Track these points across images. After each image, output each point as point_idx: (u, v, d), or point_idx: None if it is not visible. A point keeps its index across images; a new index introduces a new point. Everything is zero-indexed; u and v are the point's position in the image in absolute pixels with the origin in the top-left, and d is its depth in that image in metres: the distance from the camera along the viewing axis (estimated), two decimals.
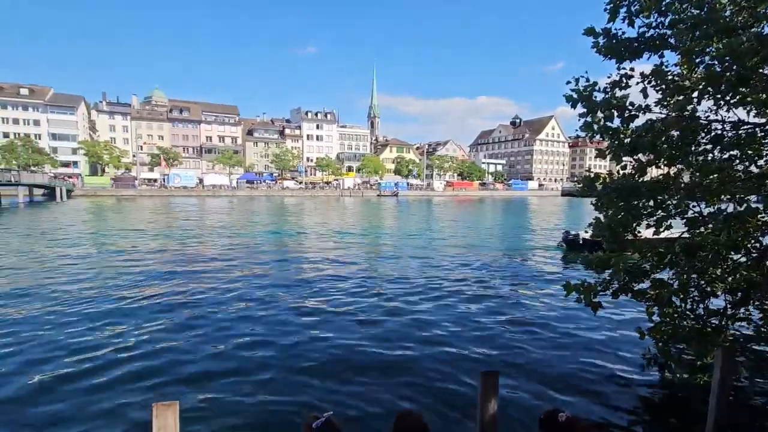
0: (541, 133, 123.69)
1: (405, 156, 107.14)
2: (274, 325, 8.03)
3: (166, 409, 2.40)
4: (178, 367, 6.10)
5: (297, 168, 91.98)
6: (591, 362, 6.49)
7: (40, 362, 6.16)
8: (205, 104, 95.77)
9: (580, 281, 5.18)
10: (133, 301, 9.46)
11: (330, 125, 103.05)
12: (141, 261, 14.39)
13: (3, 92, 75.42)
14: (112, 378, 5.71)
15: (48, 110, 77.60)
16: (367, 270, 13.64)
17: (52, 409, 4.93)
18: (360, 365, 6.27)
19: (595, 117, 4.50)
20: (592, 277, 5.27)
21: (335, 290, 10.72)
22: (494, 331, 7.83)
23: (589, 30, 4.66)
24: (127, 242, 18.60)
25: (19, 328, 7.54)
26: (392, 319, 8.41)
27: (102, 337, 7.19)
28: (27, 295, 9.77)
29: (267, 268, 13.61)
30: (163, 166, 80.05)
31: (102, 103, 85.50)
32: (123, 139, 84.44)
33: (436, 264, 14.54)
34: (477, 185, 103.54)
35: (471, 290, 10.88)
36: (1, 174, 47.90)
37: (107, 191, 66.18)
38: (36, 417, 4.75)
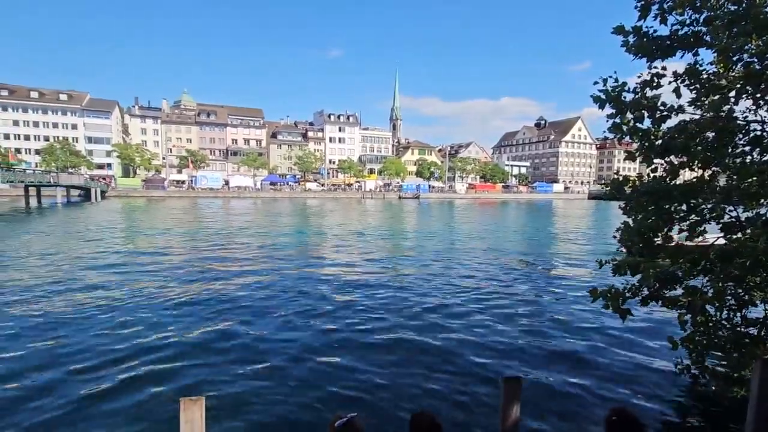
0: (567, 134, 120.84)
1: (427, 158, 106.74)
2: (299, 323, 8.14)
3: (192, 404, 2.47)
4: (204, 362, 6.27)
5: (319, 170, 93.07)
6: (619, 372, 6.28)
7: (68, 355, 6.44)
8: (232, 108, 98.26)
9: (606, 287, 5.03)
10: (162, 297, 9.78)
11: (352, 128, 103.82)
12: (169, 259, 14.86)
13: (44, 98, 79.64)
14: (140, 372, 5.91)
15: (85, 115, 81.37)
16: (386, 271, 13.64)
17: (77, 401, 5.14)
18: (380, 367, 6.27)
19: (624, 118, 4.37)
20: (620, 283, 5.10)
21: (356, 292, 10.77)
22: (516, 337, 7.69)
23: (618, 28, 4.53)
24: (156, 240, 19.27)
25: (51, 320, 7.92)
26: (413, 323, 8.38)
27: (131, 332, 7.46)
28: (61, 290, 10.25)
29: (289, 267, 13.80)
30: (191, 168, 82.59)
31: (134, 108, 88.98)
32: (153, 142, 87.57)
33: (457, 267, 14.40)
34: (500, 188, 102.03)
35: (493, 294, 10.72)
36: (42, 176, 50.51)
37: (138, 192, 68.75)
38: (65, 409, 4.97)
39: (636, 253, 4.88)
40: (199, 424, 2.48)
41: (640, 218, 4.69)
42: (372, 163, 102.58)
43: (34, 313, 8.51)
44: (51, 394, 5.28)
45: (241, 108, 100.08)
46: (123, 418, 4.78)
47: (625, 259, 5.00)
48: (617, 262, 5.08)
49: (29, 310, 8.66)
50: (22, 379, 5.66)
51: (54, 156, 69.90)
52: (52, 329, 7.56)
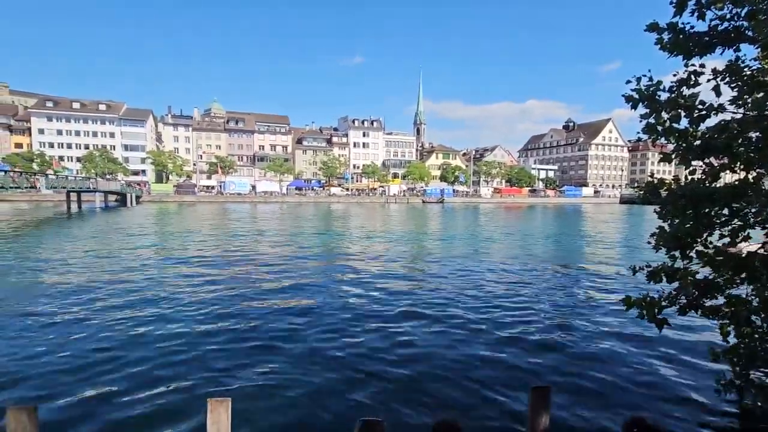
0: (596, 136, 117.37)
1: (451, 162, 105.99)
2: (323, 327, 8.18)
3: (219, 405, 2.52)
4: (230, 363, 6.39)
5: (344, 175, 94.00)
6: (655, 384, 5.99)
7: (97, 351, 6.71)
8: (259, 115, 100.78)
9: (641, 295, 4.81)
10: (191, 297, 10.06)
11: (376, 132, 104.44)
12: (199, 260, 15.30)
13: (85, 108, 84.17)
14: (168, 370, 6.09)
15: (122, 123, 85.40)
16: (410, 275, 13.57)
17: (104, 399, 5.33)
18: (404, 373, 6.22)
19: (659, 118, 4.19)
20: (656, 291, 4.87)
21: (379, 297, 10.75)
22: (544, 345, 7.46)
23: (651, 26, 4.36)
24: (188, 243, 19.92)
25: (85, 318, 8.28)
26: (436, 328, 8.28)
27: (159, 331, 7.71)
28: (98, 289, 10.72)
29: (313, 270, 13.95)
30: (220, 174, 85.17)
31: (167, 116, 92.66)
32: (185, 149, 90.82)
33: (481, 273, 14.16)
34: (526, 192, 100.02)
35: (518, 300, 10.47)
36: (82, 182, 53.29)
37: (170, 197, 71.39)
38: (93, 407, 5.16)
39: (672, 259, 4.66)
40: (225, 424, 2.53)
41: (677, 223, 4.47)
42: (396, 167, 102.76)
43: (69, 311, 8.93)
44: (79, 390, 5.50)
45: (268, 115, 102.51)
46: (150, 417, 4.92)
47: (661, 266, 4.78)
48: (652, 269, 4.85)
49: (66, 308, 9.09)
50: (48, 375, 5.93)
51: (93, 163, 73.74)
52: (85, 326, 7.90)
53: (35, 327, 7.93)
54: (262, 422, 4.84)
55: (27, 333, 7.61)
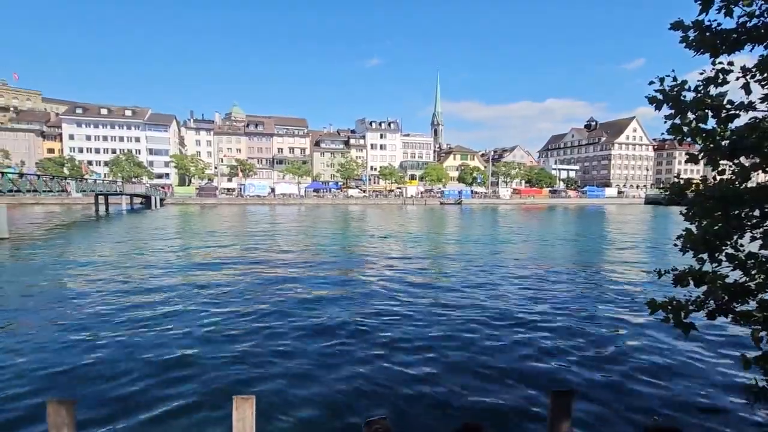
0: (620, 135, 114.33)
1: (469, 163, 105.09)
2: (344, 327, 8.25)
3: (244, 402, 2.60)
4: (253, 360, 6.53)
5: (361, 177, 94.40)
6: (681, 390, 5.81)
7: (124, 347, 6.95)
8: (278, 118, 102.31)
9: (667, 298, 4.69)
10: (215, 296, 10.31)
11: (393, 134, 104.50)
12: (222, 260, 15.65)
13: (112, 114, 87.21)
14: (194, 368, 6.26)
15: (146, 128, 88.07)
16: (428, 278, 13.53)
17: (134, 395, 5.52)
18: (425, 374, 6.22)
19: (684, 118, 4.08)
20: (683, 295, 4.74)
21: (398, 299, 10.77)
22: (566, 348, 7.34)
23: (676, 24, 4.25)
24: (210, 243, 20.38)
25: (114, 314, 8.59)
26: (457, 331, 8.24)
27: (183, 329, 7.93)
28: (126, 288, 11.10)
29: (333, 270, 14.07)
30: (240, 177, 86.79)
31: (190, 120, 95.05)
32: (207, 153, 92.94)
33: (500, 275, 14.01)
34: (547, 193, 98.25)
35: (539, 303, 10.32)
36: (109, 185, 55.17)
37: (193, 200, 73.14)
38: (122, 404, 5.35)
39: (700, 262, 4.52)
40: (250, 421, 2.61)
41: (705, 225, 4.34)
42: (413, 169, 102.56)
43: (99, 309, 9.27)
44: (107, 386, 5.71)
45: (287, 118, 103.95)
46: (176, 413, 5.07)
47: (688, 269, 4.64)
48: (679, 273, 4.71)
49: (97, 306, 9.45)
50: (78, 371, 6.17)
51: (120, 167, 76.31)
52: (114, 324, 8.19)
53: (67, 325, 8.28)
54: (283, 418, 4.93)
55: (60, 330, 7.95)
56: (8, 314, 9.02)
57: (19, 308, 9.52)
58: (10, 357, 6.66)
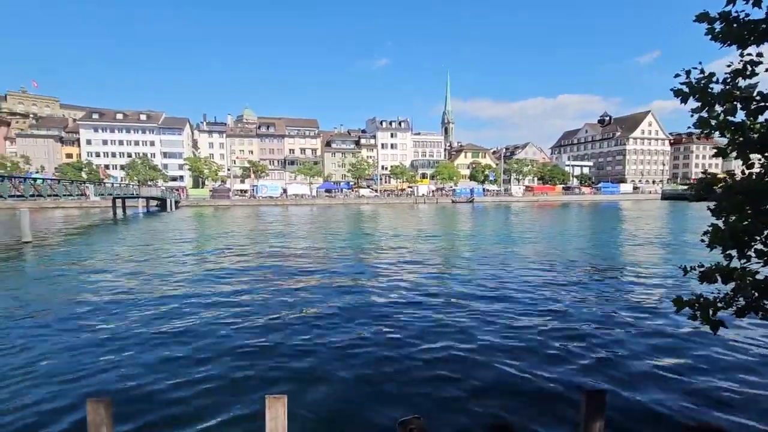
0: (635, 130, 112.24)
1: (481, 161, 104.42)
2: (367, 328, 8.28)
3: (276, 401, 2.64)
4: (281, 360, 6.62)
5: (372, 176, 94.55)
6: (712, 389, 5.70)
7: (152, 346, 7.08)
8: (289, 119, 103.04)
9: (693, 296, 4.60)
10: (234, 295, 10.45)
11: (404, 133, 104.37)
12: (241, 260, 15.84)
13: (127, 119, 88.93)
14: (224, 368, 6.36)
15: (161, 132, 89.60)
16: (443, 278, 13.49)
17: (167, 394, 5.63)
18: (453, 375, 6.21)
19: (712, 112, 3.99)
20: (710, 292, 4.65)
21: (420, 297, 10.76)
22: (590, 347, 7.25)
23: (701, 16, 4.17)
24: (226, 244, 20.65)
25: (135, 312, 8.77)
26: (479, 328, 8.21)
27: (211, 329, 8.06)
28: (149, 289, 11.32)
29: (349, 271, 14.12)
30: (253, 178, 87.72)
31: (203, 124, 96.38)
32: (219, 155, 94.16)
33: (517, 274, 13.89)
34: (560, 189, 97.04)
35: (558, 302, 10.20)
36: (126, 189, 56.30)
37: (206, 202, 74.16)
38: (154, 403, 5.46)
39: (728, 258, 4.42)
40: (282, 420, 2.65)
41: (733, 220, 4.24)
42: (424, 167, 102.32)
43: (124, 311, 9.48)
44: (139, 385, 5.84)
45: (298, 119, 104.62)
46: (209, 411, 5.17)
47: (715, 265, 4.55)
48: (705, 269, 4.62)
49: (118, 306, 9.66)
50: (107, 371, 6.32)
51: (136, 170, 77.82)
52: (140, 325, 8.37)
53: (93, 325, 8.48)
54: (314, 418, 4.99)
55: (86, 331, 8.15)
56: (35, 315, 9.28)
57: (44, 309, 9.78)
58: (42, 357, 6.86)
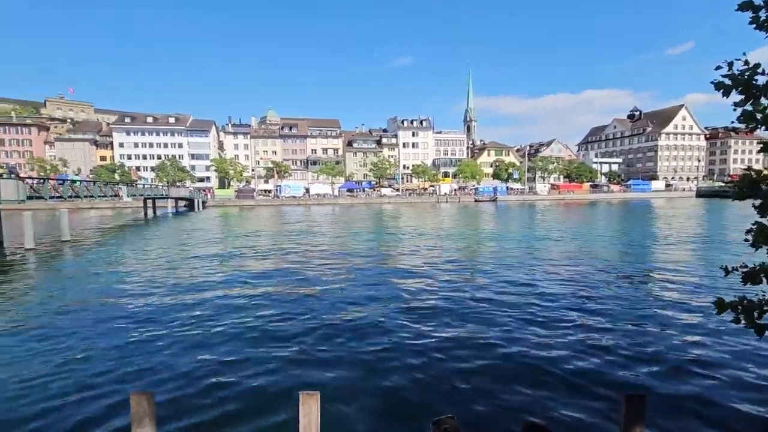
0: (668, 125, 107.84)
1: (504, 159, 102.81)
2: (399, 325, 8.30)
3: (309, 398, 2.68)
4: (313, 357, 6.73)
5: (393, 175, 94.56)
6: (759, 398, 5.42)
7: (184, 341, 7.31)
8: (311, 120, 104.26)
9: (736, 298, 4.40)
10: (263, 293, 10.67)
11: (425, 132, 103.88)
12: (270, 258, 16.17)
13: (157, 122, 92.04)
14: (256, 364, 6.50)
15: (188, 134, 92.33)
16: (468, 277, 13.35)
17: (198, 389, 5.80)
18: (482, 372, 6.16)
19: (757, 104, 3.81)
20: (755, 294, 4.44)
21: (445, 295, 10.70)
22: (628, 349, 7.01)
23: (745, 4, 3.97)
24: (258, 243, 21.12)
25: (167, 309, 9.06)
26: (511, 329, 8.09)
27: (243, 326, 8.25)
28: (180, 286, 11.70)
29: (376, 269, 14.17)
30: (276, 179, 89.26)
31: (228, 125, 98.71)
32: (244, 156, 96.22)
33: (544, 273, 13.61)
34: (587, 187, 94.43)
35: (590, 303, 9.93)
36: (157, 190, 58.37)
37: (232, 202, 75.98)
38: (189, 397, 5.63)
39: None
40: (315, 416, 2.69)
41: None
42: (446, 166, 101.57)
43: (154, 305, 9.83)
44: (175, 382, 6.04)
45: (320, 119, 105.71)
46: (242, 407, 5.30)
47: (760, 266, 4.33)
48: (749, 270, 4.41)
49: (151, 302, 10.03)
50: (139, 365, 6.56)
51: (165, 172, 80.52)
52: (168, 318, 8.66)
53: (128, 321, 8.83)
54: (346, 415, 5.04)
55: (122, 327, 8.50)
56: (72, 310, 9.74)
57: (81, 303, 10.25)
58: (82, 350, 7.20)
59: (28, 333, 8.19)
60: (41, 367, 6.51)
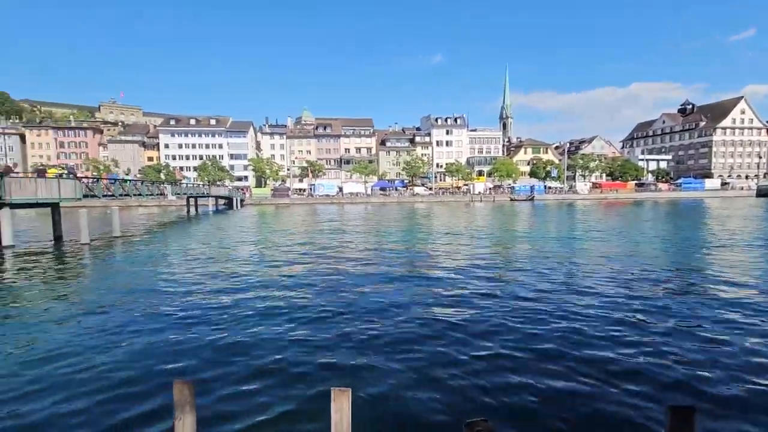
0: (724, 119, 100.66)
1: (542, 157, 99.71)
2: (431, 325, 8.10)
3: (341, 394, 2.56)
4: (345, 354, 6.65)
5: (426, 174, 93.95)
6: None
7: (222, 333, 7.43)
8: (344, 119, 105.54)
9: None
10: (299, 291, 10.77)
11: (459, 130, 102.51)
12: (302, 256, 16.39)
13: (199, 124, 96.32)
14: (288, 359, 6.51)
15: (228, 135, 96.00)
16: (509, 277, 12.89)
17: (233, 381, 5.84)
18: (516, 377, 5.84)
19: None
20: None
21: (482, 295, 10.38)
22: (675, 358, 6.46)
23: None
24: (290, 240, 21.55)
25: (208, 301, 9.30)
26: (553, 332, 7.69)
27: (277, 320, 8.33)
28: (220, 281, 12.04)
29: (405, 266, 14.01)
30: (310, 177, 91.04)
31: (265, 126, 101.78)
32: (280, 155, 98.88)
33: (584, 276, 12.91)
34: (632, 186, 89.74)
35: (638, 307, 9.28)
36: (198, 189, 61.09)
37: (268, 200, 78.20)
38: (223, 389, 5.68)
39: None
40: (347, 412, 2.57)
41: None
42: (481, 164, 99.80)
43: (197, 298, 10.12)
44: (205, 374, 6.13)
45: (353, 119, 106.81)
46: (275, 399, 5.29)
47: None
48: None
49: (194, 296, 10.34)
50: (175, 357, 6.70)
51: (206, 171, 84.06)
52: (208, 311, 8.88)
53: (171, 313, 9.14)
54: (377, 414, 4.92)
55: (164, 319, 8.80)
56: (123, 300, 10.22)
57: (130, 294, 10.75)
58: (128, 338, 7.50)
59: (83, 320, 8.65)
60: (94, 352, 6.84)
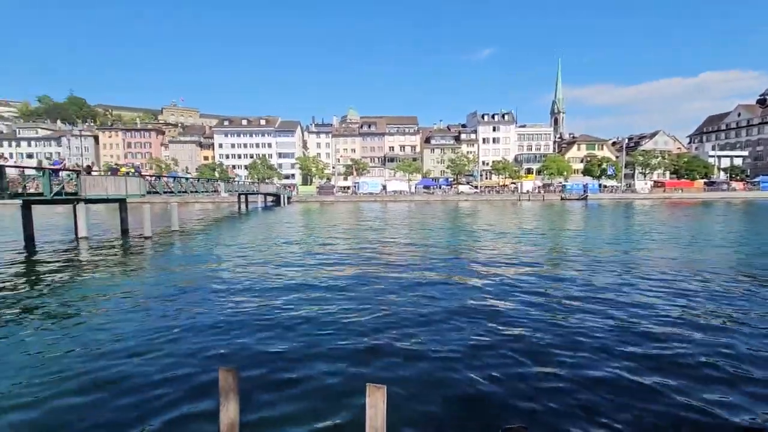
0: None
1: (597, 153, 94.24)
2: (478, 327, 7.85)
3: (376, 390, 2.48)
4: (381, 351, 6.62)
5: (472, 172, 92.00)
6: None
7: (265, 324, 7.61)
8: (389, 117, 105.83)
9: None
10: (340, 286, 10.89)
11: (507, 126, 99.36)
12: (346, 252, 16.63)
13: (250, 124, 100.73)
14: (327, 355, 6.55)
15: (276, 135, 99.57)
16: (556, 281, 12.25)
17: (274, 372, 5.93)
18: (559, 383, 5.49)
19: None
20: None
21: (525, 299, 9.94)
22: (735, 374, 5.76)
23: None
24: (335, 236, 21.97)
25: (255, 293, 9.59)
26: (600, 340, 7.18)
27: (317, 315, 8.45)
28: (265, 268, 12.44)
29: (448, 267, 13.75)
30: (355, 175, 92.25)
31: (311, 125, 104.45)
32: (326, 154, 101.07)
33: (644, 280, 11.96)
34: (701, 185, 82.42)
35: (697, 315, 8.43)
36: (249, 186, 63.96)
37: (314, 198, 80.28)
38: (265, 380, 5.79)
39: None
40: (381, 408, 2.48)
41: None
42: (529, 162, 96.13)
43: (245, 291, 10.51)
44: (252, 357, 6.28)
45: (397, 117, 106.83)
46: (313, 391, 5.32)
47: None
48: None
49: (242, 288, 10.76)
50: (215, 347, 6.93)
51: (256, 170, 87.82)
52: (256, 302, 9.17)
53: (221, 302, 9.55)
54: (413, 412, 4.81)
55: (213, 306, 9.20)
56: (180, 289, 10.85)
57: (186, 284, 11.38)
58: (183, 325, 7.91)
59: (143, 307, 9.30)
60: (151, 336, 7.30)
